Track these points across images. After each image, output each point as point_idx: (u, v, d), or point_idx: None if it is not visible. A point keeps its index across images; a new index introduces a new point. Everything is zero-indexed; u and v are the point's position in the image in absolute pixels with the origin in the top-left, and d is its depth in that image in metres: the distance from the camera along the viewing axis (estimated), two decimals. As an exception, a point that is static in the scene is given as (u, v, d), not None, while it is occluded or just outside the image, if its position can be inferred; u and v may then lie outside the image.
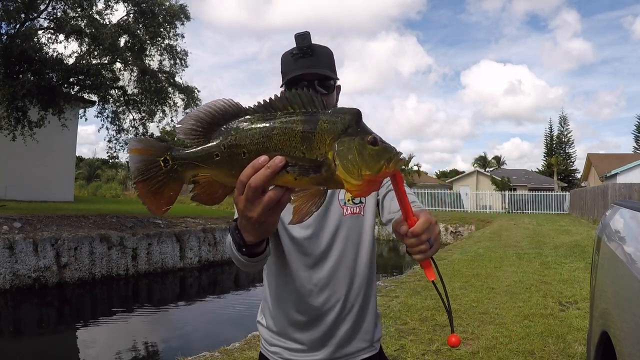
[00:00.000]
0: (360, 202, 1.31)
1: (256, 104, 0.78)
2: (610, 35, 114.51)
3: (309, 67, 1.22)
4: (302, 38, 1.22)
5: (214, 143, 0.77)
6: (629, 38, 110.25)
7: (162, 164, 0.78)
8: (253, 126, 0.77)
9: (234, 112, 0.78)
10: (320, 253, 1.26)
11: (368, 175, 0.74)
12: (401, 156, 0.76)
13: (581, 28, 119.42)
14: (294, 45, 1.23)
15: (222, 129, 0.78)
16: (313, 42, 1.26)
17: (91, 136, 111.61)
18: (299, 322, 1.26)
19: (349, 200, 1.30)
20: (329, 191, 1.17)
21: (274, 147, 0.75)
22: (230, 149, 0.77)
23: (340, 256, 1.26)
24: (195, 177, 0.79)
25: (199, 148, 0.78)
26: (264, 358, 1.36)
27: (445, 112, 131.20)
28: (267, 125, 0.76)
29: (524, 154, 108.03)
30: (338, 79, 1.29)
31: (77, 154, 22.22)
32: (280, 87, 1.28)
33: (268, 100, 0.78)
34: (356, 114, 0.77)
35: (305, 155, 0.75)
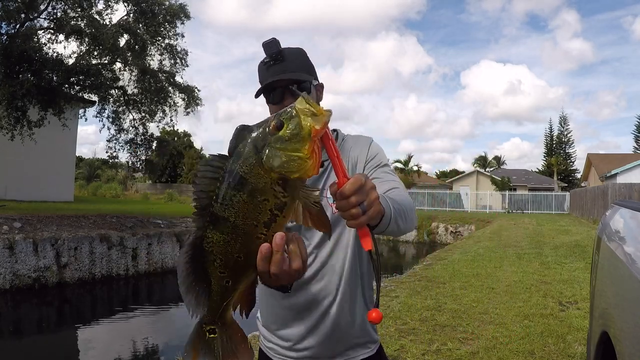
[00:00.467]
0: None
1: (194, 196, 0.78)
2: (610, 35, 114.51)
3: (281, 73, 1.21)
4: (270, 46, 1.21)
5: (215, 281, 0.81)
6: (628, 38, 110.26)
7: (209, 333, 0.84)
8: (219, 236, 0.77)
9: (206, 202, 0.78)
10: (310, 250, 1.26)
11: (307, 150, 0.73)
12: (309, 99, 0.75)
13: (581, 28, 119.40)
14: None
15: (201, 268, 0.81)
16: (293, 46, 1.27)
17: (91, 136, 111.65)
18: (289, 318, 1.27)
19: None
20: (322, 191, 1.15)
21: (248, 226, 0.76)
22: (232, 267, 0.79)
23: (330, 254, 1.26)
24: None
25: (210, 298, 0.81)
26: (262, 354, 1.37)
27: (445, 112, 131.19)
28: (226, 222, 0.76)
29: (524, 154, 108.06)
30: (315, 79, 1.28)
31: (77, 154, 22.23)
32: (256, 96, 1.28)
33: (198, 182, 0.77)
34: (242, 129, 0.77)
35: (268, 199, 0.75)
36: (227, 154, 0.77)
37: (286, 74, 1.22)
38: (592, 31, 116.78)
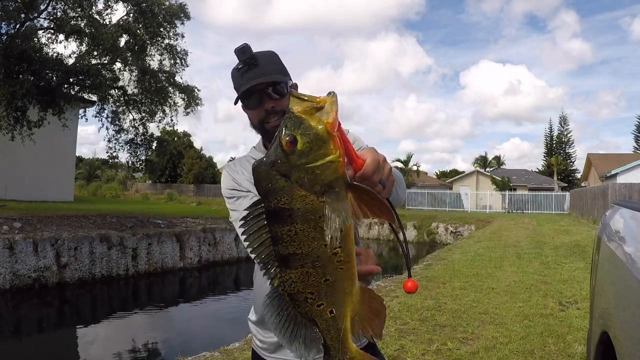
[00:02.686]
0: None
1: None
2: (610, 35, 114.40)
3: (257, 78, 1.22)
4: (242, 52, 1.21)
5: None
6: (628, 38, 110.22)
7: None
8: (294, 274, 0.74)
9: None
10: None
11: (332, 152, 0.68)
12: (300, 93, 0.70)
13: (580, 28, 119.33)
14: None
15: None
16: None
17: (91, 136, 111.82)
18: None
19: None
20: None
21: (317, 252, 0.72)
22: (306, 307, 0.76)
23: None
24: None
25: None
26: (255, 354, 1.38)
27: (445, 112, 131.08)
28: (295, 265, 0.73)
29: (524, 154, 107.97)
30: (290, 80, 1.29)
31: (77, 154, 22.24)
32: (235, 103, 1.28)
33: (249, 241, 0.74)
34: (257, 167, 0.72)
35: (315, 217, 0.70)
36: (259, 199, 0.73)
37: (261, 78, 1.22)
38: (591, 31, 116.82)
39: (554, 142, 53.81)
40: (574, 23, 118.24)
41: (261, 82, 1.22)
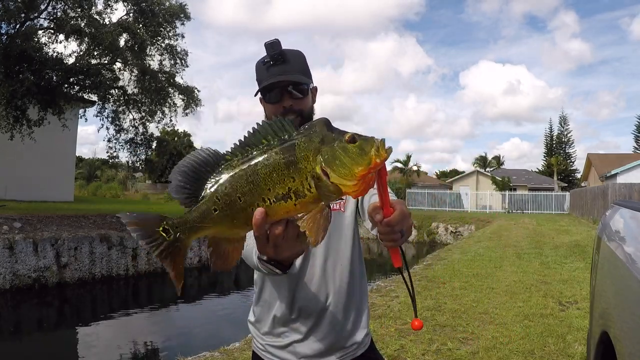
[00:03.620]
0: (341, 199, 1.32)
1: (232, 147, 0.81)
2: (610, 35, 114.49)
3: (281, 74, 1.24)
4: (272, 46, 1.23)
5: (208, 197, 0.79)
6: (627, 38, 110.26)
7: (164, 234, 0.80)
8: (239, 169, 0.78)
9: (215, 160, 0.80)
10: (307, 255, 1.29)
11: (361, 171, 0.75)
12: (384, 142, 0.77)
13: (580, 29, 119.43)
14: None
15: (211, 180, 0.79)
16: (293, 47, 1.28)
17: (91, 136, 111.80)
18: (284, 319, 1.30)
19: None
20: None
21: (264, 182, 0.77)
22: (225, 199, 0.78)
23: (324, 254, 1.29)
24: (206, 241, 0.83)
25: (195, 208, 0.79)
26: (256, 355, 1.39)
27: (445, 112, 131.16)
28: (251, 163, 0.78)
29: (524, 154, 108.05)
30: (312, 82, 1.32)
31: (77, 154, 22.24)
32: (255, 95, 1.30)
33: (243, 140, 0.80)
34: (325, 123, 0.80)
35: (295, 179, 0.76)
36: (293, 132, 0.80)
37: (286, 76, 1.24)
38: (591, 31, 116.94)
39: (554, 142, 53.82)
40: (573, 23, 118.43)
41: (284, 79, 1.24)
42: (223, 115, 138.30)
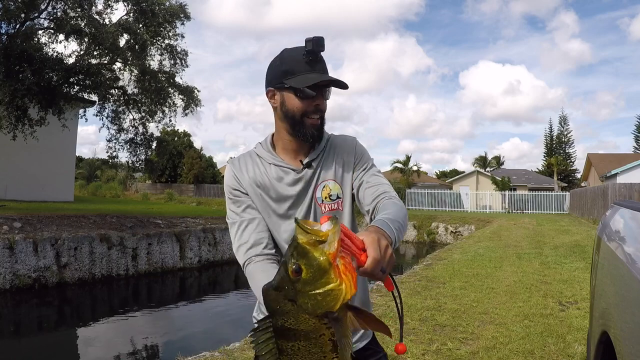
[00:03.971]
0: (338, 197, 1.36)
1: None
2: (609, 35, 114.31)
3: (325, 73, 1.26)
4: (318, 43, 1.22)
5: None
6: (627, 38, 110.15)
7: None
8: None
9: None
10: None
11: (332, 277, 0.75)
12: (304, 232, 0.77)
13: (580, 29, 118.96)
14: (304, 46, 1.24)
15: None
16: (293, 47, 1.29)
17: (91, 136, 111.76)
18: None
19: (326, 197, 1.34)
20: (309, 192, 1.35)
21: (306, 358, 0.82)
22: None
23: None
24: None
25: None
26: None
27: (445, 112, 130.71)
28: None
29: (524, 154, 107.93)
30: None
31: (77, 154, 22.25)
32: (281, 85, 1.27)
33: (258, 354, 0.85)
34: (266, 290, 0.82)
35: (316, 335, 0.80)
36: (267, 315, 0.83)
37: (327, 75, 1.26)
38: (591, 32, 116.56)
39: (554, 142, 53.81)
40: (573, 23, 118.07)
41: (328, 79, 1.24)
42: (223, 115, 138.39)
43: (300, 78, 1.23)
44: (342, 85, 1.26)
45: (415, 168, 40.36)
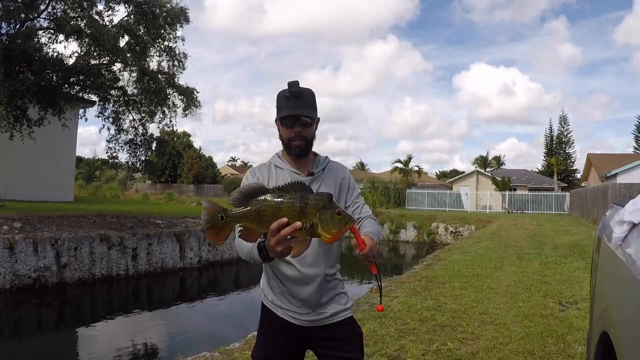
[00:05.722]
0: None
1: (275, 187, 1.34)
2: (609, 36, 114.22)
3: (297, 108, 1.66)
4: (293, 85, 1.65)
5: (249, 208, 1.30)
6: (626, 40, 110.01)
7: (220, 218, 1.30)
8: (272, 201, 1.30)
9: (261, 190, 1.32)
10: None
11: (334, 232, 1.30)
12: (353, 220, 1.33)
13: (576, 31, 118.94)
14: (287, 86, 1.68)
15: (254, 200, 1.31)
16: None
17: (92, 136, 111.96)
18: (290, 290, 1.72)
19: None
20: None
21: (282, 214, 1.29)
22: (258, 213, 1.30)
23: (317, 246, 1.68)
24: (240, 226, 1.34)
25: (240, 211, 1.31)
26: (265, 307, 1.80)
27: (442, 113, 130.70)
28: (280, 201, 1.30)
29: (521, 154, 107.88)
30: (316, 115, 1.73)
31: (77, 154, 22.26)
32: (276, 120, 1.73)
33: (281, 186, 1.33)
34: (329, 197, 1.31)
35: (301, 219, 1.29)
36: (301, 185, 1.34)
37: (299, 109, 1.66)
38: (589, 33, 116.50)
39: (554, 142, 53.79)
40: (569, 25, 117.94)
41: (298, 113, 1.66)
42: (223, 115, 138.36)
43: (281, 112, 1.68)
44: (307, 117, 1.67)
45: (416, 168, 40.38)
